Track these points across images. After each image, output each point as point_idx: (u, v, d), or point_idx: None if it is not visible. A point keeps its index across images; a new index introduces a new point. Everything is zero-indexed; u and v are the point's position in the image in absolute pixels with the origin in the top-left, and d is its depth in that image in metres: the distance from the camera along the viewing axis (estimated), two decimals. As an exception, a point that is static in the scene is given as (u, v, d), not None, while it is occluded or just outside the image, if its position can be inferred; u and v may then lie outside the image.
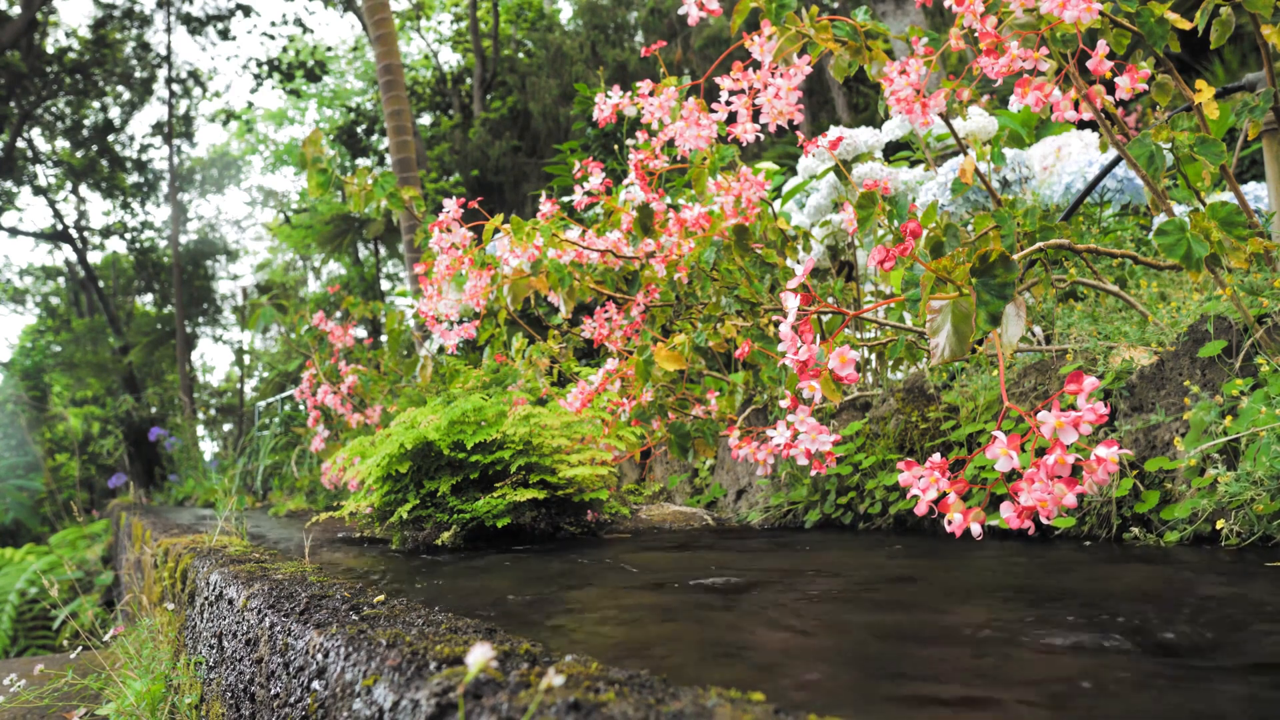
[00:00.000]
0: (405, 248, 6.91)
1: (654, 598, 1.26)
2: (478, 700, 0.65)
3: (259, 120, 23.18)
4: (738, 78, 1.84)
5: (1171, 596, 1.08)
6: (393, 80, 6.95)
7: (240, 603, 1.31)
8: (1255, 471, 1.38)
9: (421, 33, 18.99)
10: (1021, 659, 0.84)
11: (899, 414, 2.20)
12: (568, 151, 5.91)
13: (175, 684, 1.71)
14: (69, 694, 2.29)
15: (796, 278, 1.17)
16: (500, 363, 3.06)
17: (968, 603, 1.12)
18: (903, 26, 8.49)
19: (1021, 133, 3.87)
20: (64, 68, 15.25)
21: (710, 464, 3.00)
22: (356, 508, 2.35)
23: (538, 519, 2.25)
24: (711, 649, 0.93)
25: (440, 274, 2.35)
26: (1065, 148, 3.11)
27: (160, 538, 2.67)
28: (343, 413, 4.06)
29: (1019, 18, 1.59)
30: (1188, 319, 1.77)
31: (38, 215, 38.92)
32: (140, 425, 13.99)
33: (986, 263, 1.13)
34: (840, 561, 1.59)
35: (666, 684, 0.66)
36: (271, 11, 70.21)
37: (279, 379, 11.79)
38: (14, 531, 11.09)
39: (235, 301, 19.87)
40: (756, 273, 2.34)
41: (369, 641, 0.87)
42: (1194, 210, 1.49)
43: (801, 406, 1.24)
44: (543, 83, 13.93)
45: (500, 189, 13.87)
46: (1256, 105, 1.76)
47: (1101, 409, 0.99)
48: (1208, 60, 6.92)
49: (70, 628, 5.72)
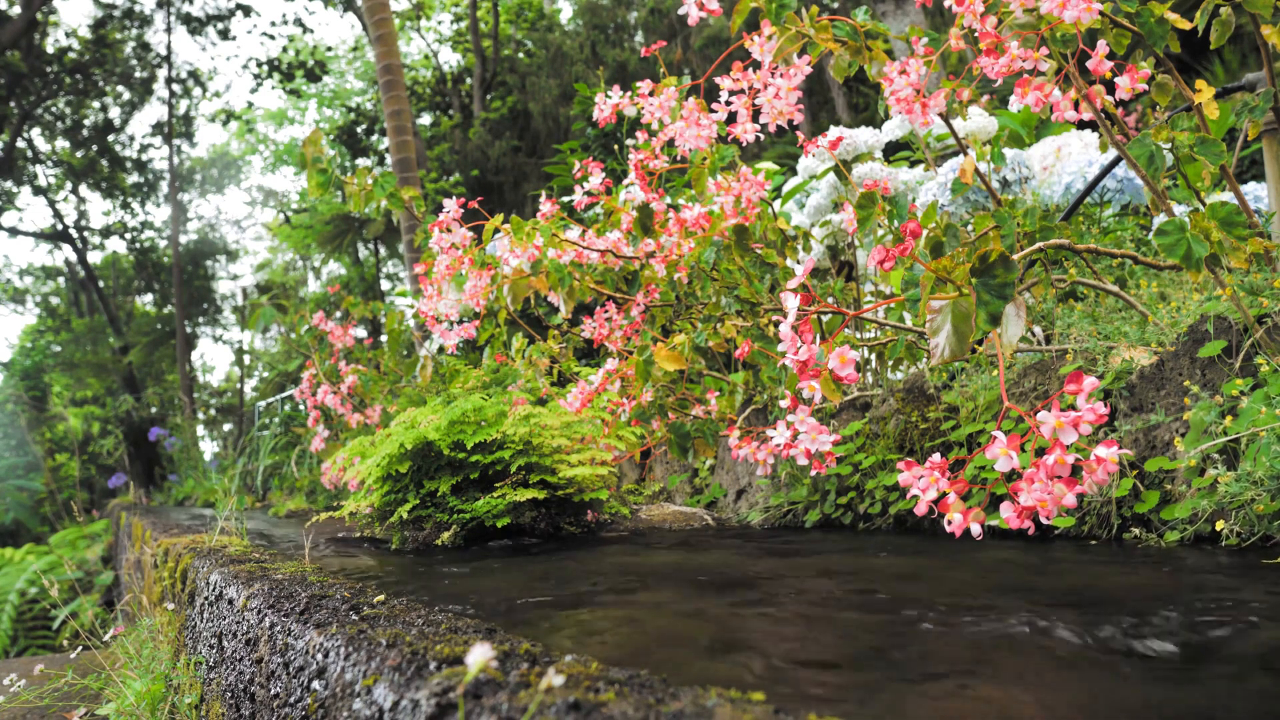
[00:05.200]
0: (405, 248, 6.91)
1: (654, 597, 1.26)
2: (478, 700, 0.65)
3: (259, 120, 23.18)
4: (738, 78, 1.84)
5: (1172, 596, 1.08)
6: (393, 80, 6.95)
7: (240, 603, 1.31)
8: (1255, 471, 1.38)
9: (421, 33, 18.98)
10: (1022, 658, 0.84)
11: (899, 414, 2.20)
12: (568, 151, 5.91)
13: (175, 684, 1.71)
14: (69, 694, 2.29)
15: (796, 278, 1.17)
16: (500, 363, 3.06)
17: (967, 602, 1.12)
18: (903, 26, 8.49)
19: (1021, 133, 3.87)
20: (64, 68, 15.25)
21: (710, 464, 3.00)
22: (356, 508, 2.35)
23: (538, 519, 2.25)
24: (711, 649, 0.93)
25: (440, 274, 2.35)
26: (1065, 148, 3.11)
27: (160, 538, 2.67)
28: (343, 413, 4.06)
29: (1019, 18, 1.59)
30: (1188, 319, 1.77)
31: (38, 215, 38.92)
32: (140, 425, 13.99)
33: (986, 263, 1.13)
34: (840, 561, 1.59)
35: (666, 684, 0.66)
36: (271, 11, 70.26)
37: (279, 379, 11.79)
38: (14, 531, 11.08)
39: (235, 301, 19.87)
40: (756, 273, 2.34)
41: (369, 641, 0.87)
42: (1194, 210, 1.49)
43: (801, 406, 1.24)
44: (543, 83, 13.93)
45: (500, 189, 13.86)
46: (1256, 105, 1.76)
47: (1101, 409, 0.99)
48: (1208, 60, 6.92)
49: (70, 628, 5.72)
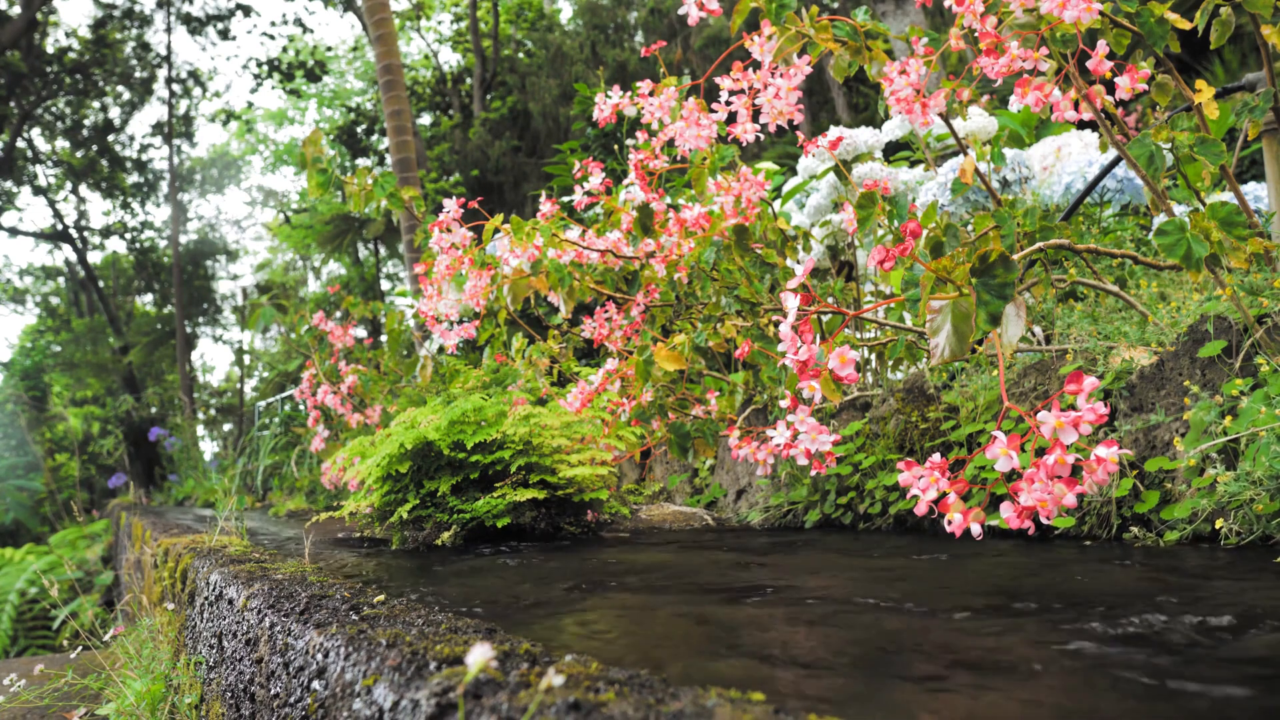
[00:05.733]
0: (405, 248, 6.91)
1: (654, 597, 1.27)
2: (478, 700, 0.65)
3: (259, 120, 23.18)
4: (738, 78, 1.84)
5: (1172, 596, 1.08)
6: (393, 80, 6.95)
7: (240, 603, 1.31)
8: (1255, 471, 1.38)
9: (421, 33, 18.98)
10: (1022, 658, 0.84)
11: (899, 414, 2.20)
12: (568, 151, 5.91)
13: (175, 684, 1.71)
14: (69, 694, 2.29)
15: (796, 278, 1.17)
16: (500, 363, 3.06)
17: (967, 602, 1.12)
18: (903, 26, 8.49)
19: (1021, 133, 3.87)
20: (64, 68, 15.25)
21: (710, 464, 3.00)
22: (356, 508, 2.35)
23: (538, 519, 2.25)
24: (711, 649, 0.93)
25: (440, 274, 2.35)
26: (1065, 148, 3.11)
27: (160, 538, 2.67)
28: (343, 413, 4.06)
29: (1019, 18, 1.59)
30: (1188, 319, 1.77)
31: (38, 215, 38.93)
32: (140, 425, 13.99)
33: (986, 263, 1.13)
34: (840, 561, 1.59)
35: (666, 684, 0.66)
36: (271, 11, 70.26)
37: (279, 379, 11.79)
38: (14, 531, 11.09)
39: (235, 301, 19.88)
40: (756, 273, 2.34)
41: (369, 641, 0.87)
42: (1194, 210, 1.49)
43: (801, 406, 1.24)
44: (543, 83, 13.93)
45: (500, 189, 13.87)
46: (1256, 105, 1.76)
47: (1101, 409, 0.99)
48: (1208, 60, 6.92)
49: (70, 628, 5.72)
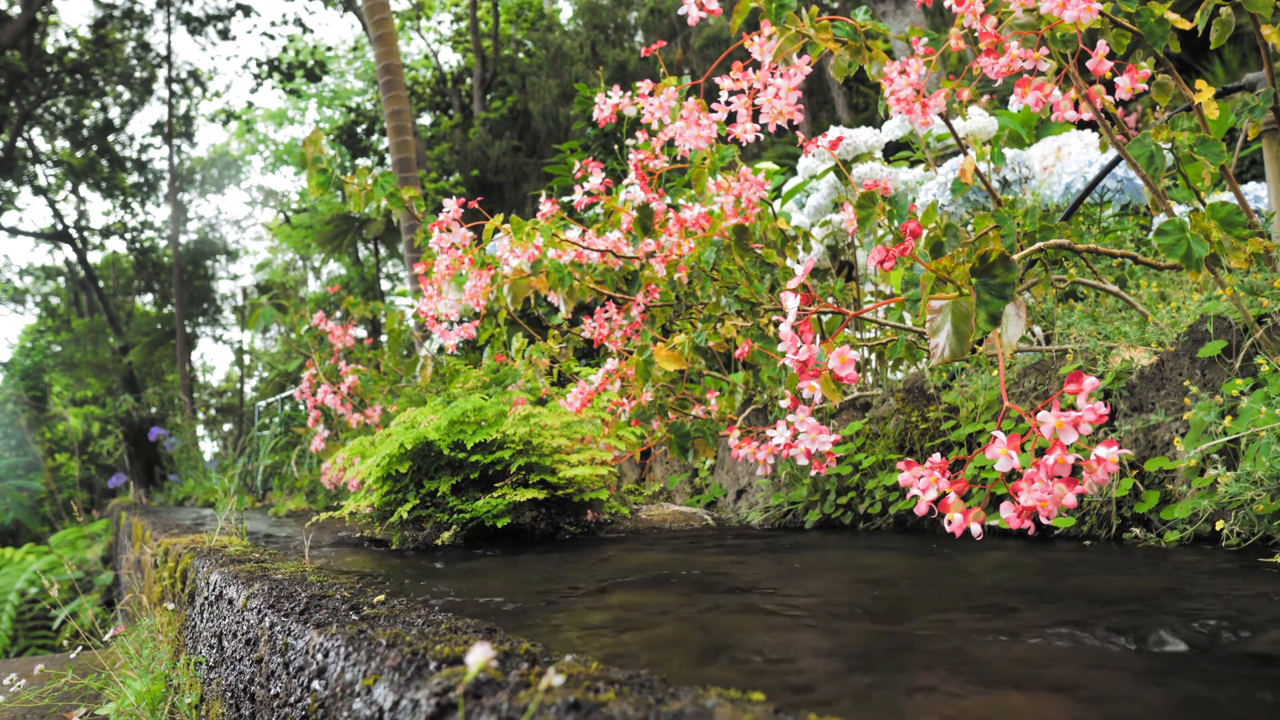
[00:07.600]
0: (405, 248, 6.91)
1: (654, 597, 1.26)
2: (478, 700, 0.65)
3: (259, 120, 23.18)
4: (738, 78, 1.84)
5: (1172, 596, 1.08)
6: (393, 80, 6.95)
7: (240, 603, 1.31)
8: (1255, 471, 1.38)
9: (421, 33, 18.98)
10: (1022, 658, 0.84)
11: (899, 414, 2.20)
12: (568, 151, 5.91)
13: (175, 684, 1.71)
14: (69, 694, 2.29)
15: (796, 278, 1.17)
16: (500, 363, 3.06)
17: (967, 602, 1.12)
18: (903, 26, 8.49)
19: (1021, 133, 3.87)
20: (64, 68, 15.25)
21: (710, 464, 3.00)
22: (356, 508, 2.35)
23: (538, 519, 2.25)
24: (711, 649, 0.93)
25: (440, 274, 2.35)
26: (1065, 148, 3.11)
27: (160, 537, 2.67)
28: (343, 413, 4.05)
29: (1019, 18, 1.58)
30: (1188, 319, 1.77)
31: (38, 215, 38.93)
32: (140, 425, 13.99)
33: (986, 263, 1.13)
34: (840, 561, 1.59)
35: (666, 684, 0.66)
36: (271, 11, 70.25)
37: (279, 379, 11.79)
38: (14, 531, 11.09)
39: (235, 301, 19.87)
40: (756, 273, 2.34)
41: (369, 641, 0.87)
42: (1194, 210, 1.49)
43: (801, 406, 1.24)
44: (543, 83, 13.93)
45: (500, 189, 13.87)
46: (1256, 105, 1.76)
47: (1101, 409, 0.99)
48: (1208, 60, 6.92)
49: (70, 628, 5.71)
